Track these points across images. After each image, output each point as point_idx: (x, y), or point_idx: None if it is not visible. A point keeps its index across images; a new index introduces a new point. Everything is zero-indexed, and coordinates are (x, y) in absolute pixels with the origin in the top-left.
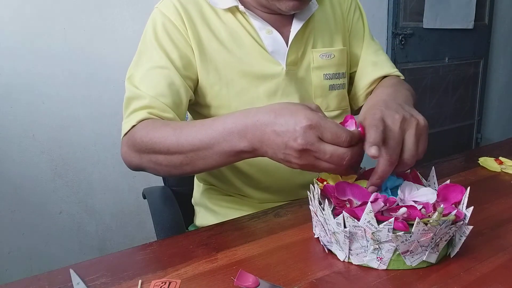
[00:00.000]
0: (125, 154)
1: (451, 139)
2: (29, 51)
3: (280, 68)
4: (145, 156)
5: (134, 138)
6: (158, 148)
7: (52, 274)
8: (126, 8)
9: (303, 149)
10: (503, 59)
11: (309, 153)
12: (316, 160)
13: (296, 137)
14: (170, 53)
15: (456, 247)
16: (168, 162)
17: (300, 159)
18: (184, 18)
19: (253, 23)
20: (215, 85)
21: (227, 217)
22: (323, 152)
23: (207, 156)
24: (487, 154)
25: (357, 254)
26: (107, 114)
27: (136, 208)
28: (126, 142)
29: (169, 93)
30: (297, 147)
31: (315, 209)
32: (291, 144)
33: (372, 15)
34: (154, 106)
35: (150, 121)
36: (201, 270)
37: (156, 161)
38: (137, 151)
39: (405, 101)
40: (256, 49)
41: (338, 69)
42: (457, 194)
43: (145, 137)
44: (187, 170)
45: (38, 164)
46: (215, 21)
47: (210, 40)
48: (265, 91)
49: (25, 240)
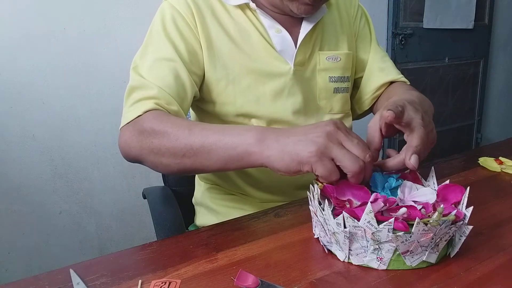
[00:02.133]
0: (125, 143)
1: (451, 139)
2: (29, 50)
3: (288, 67)
4: (148, 144)
5: (141, 126)
6: (167, 136)
7: (52, 274)
8: (126, 8)
9: (333, 130)
10: (503, 59)
11: (336, 135)
12: (340, 146)
13: (328, 122)
14: (178, 46)
15: (456, 247)
16: (172, 153)
17: (327, 138)
18: (194, 12)
19: (263, 21)
20: (221, 81)
21: (228, 217)
22: (351, 138)
23: (213, 151)
24: (487, 154)
25: (357, 254)
26: (107, 114)
27: (136, 208)
28: (130, 130)
29: (175, 85)
30: (328, 127)
31: (315, 209)
32: (321, 125)
33: (372, 15)
34: (161, 97)
35: (161, 113)
36: (201, 270)
37: (159, 151)
38: (142, 139)
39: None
40: (265, 47)
41: (344, 72)
42: (457, 194)
43: (157, 125)
44: (186, 165)
45: (38, 164)
46: (225, 17)
47: (219, 36)
48: (272, 89)
49: (25, 240)
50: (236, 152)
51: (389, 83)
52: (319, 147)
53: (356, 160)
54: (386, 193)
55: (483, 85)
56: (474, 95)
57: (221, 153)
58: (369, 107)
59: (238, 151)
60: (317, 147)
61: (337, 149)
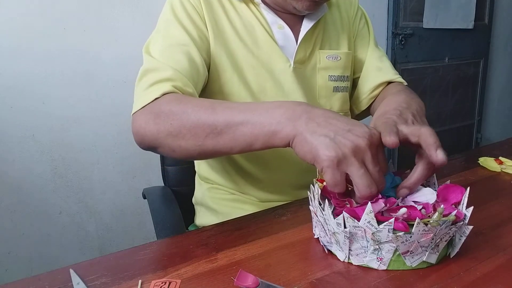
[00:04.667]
0: (140, 127)
1: (451, 139)
2: (29, 51)
3: (288, 64)
4: (166, 127)
5: (159, 109)
6: (187, 116)
7: (52, 274)
8: (126, 8)
9: (364, 146)
10: (503, 59)
11: (364, 152)
12: (358, 165)
13: (365, 132)
14: (190, 30)
15: (456, 247)
16: (193, 134)
17: (352, 151)
18: (202, 2)
19: (266, 16)
20: (227, 70)
21: (228, 216)
22: (376, 163)
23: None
24: (487, 154)
25: (357, 254)
26: (107, 114)
27: (136, 208)
28: (145, 114)
29: (189, 68)
30: (361, 140)
31: (315, 210)
32: (355, 133)
33: (372, 15)
34: (177, 79)
35: (179, 95)
36: (201, 270)
37: (179, 133)
38: (159, 122)
39: (418, 111)
40: (268, 42)
41: (343, 71)
42: (457, 194)
43: (175, 106)
44: (208, 147)
45: (38, 164)
46: (230, 9)
47: (225, 26)
48: (272, 85)
49: (25, 240)
50: (264, 132)
51: (387, 83)
52: (339, 156)
53: (370, 186)
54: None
55: (483, 85)
56: (474, 95)
57: (248, 133)
58: (367, 107)
59: (265, 131)
60: (336, 155)
61: (357, 168)
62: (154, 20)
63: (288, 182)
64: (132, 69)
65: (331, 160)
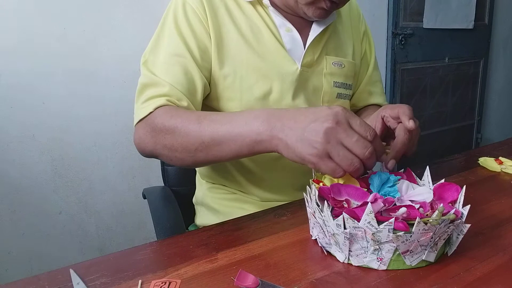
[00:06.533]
0: (140, 139)
1: (451, 139)
2: (29, 51)
3: (295, 67)
4: (161, 140)
5: (153, 123)
6: (178, 132)
7: (52, 274)
8: (126, 8)
9: (332, 127)
10: (503, 59)
11: (335, 133)
12: (338, 146)
13: (328, 115)
14: (189, 42)
15: (453, 245)
16: (184, 148)
17: (324, 139)
18: (206, 7)
19: (274, 19)
20: (229, 76)
21: (229, 216)
22: (351, 134)
23: (223, 143)
24: (487, 154)
25: (357, 255)
26: (107, 114)
27: (136, 208)
28: (143, 127)
29: (186, 82)
30: (327, 124)
31: (313, 211)
32: (320, 121)
33: (372, 15)
34: (172, 94)
35: (172, 107)
36: (201, 270)
37: (172, 146)
38: (154, 136)
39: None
40: (275, 45)
41: (346, 79)
42: (453, 192)
43: (167, 121)
44: (200, 158)
45: (38, 164)
46: (237, 12)
47: (230, 31)
48: (277, 88)
49: (25, 240)
50: (246, 143)
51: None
52: (318, 149)
53: (352, 161)
54: (384, 190)
55: (483, 85)
56: (474, 95)
57: (232, 145)
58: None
59: (247, 141)
60: (316, 150)
61: (335, 149)
62: (154, 20)
63: (290, 182)
64: (132, 69)
65: (315, 156)
